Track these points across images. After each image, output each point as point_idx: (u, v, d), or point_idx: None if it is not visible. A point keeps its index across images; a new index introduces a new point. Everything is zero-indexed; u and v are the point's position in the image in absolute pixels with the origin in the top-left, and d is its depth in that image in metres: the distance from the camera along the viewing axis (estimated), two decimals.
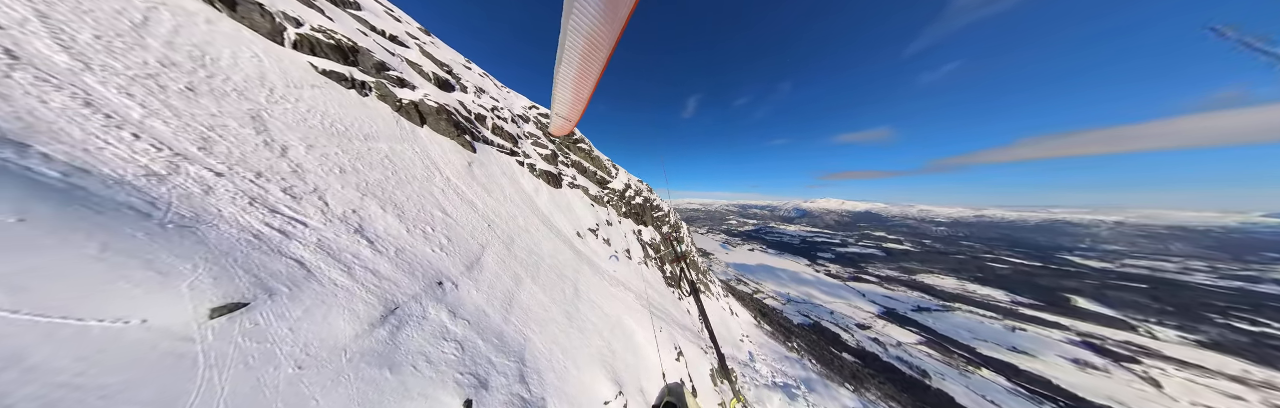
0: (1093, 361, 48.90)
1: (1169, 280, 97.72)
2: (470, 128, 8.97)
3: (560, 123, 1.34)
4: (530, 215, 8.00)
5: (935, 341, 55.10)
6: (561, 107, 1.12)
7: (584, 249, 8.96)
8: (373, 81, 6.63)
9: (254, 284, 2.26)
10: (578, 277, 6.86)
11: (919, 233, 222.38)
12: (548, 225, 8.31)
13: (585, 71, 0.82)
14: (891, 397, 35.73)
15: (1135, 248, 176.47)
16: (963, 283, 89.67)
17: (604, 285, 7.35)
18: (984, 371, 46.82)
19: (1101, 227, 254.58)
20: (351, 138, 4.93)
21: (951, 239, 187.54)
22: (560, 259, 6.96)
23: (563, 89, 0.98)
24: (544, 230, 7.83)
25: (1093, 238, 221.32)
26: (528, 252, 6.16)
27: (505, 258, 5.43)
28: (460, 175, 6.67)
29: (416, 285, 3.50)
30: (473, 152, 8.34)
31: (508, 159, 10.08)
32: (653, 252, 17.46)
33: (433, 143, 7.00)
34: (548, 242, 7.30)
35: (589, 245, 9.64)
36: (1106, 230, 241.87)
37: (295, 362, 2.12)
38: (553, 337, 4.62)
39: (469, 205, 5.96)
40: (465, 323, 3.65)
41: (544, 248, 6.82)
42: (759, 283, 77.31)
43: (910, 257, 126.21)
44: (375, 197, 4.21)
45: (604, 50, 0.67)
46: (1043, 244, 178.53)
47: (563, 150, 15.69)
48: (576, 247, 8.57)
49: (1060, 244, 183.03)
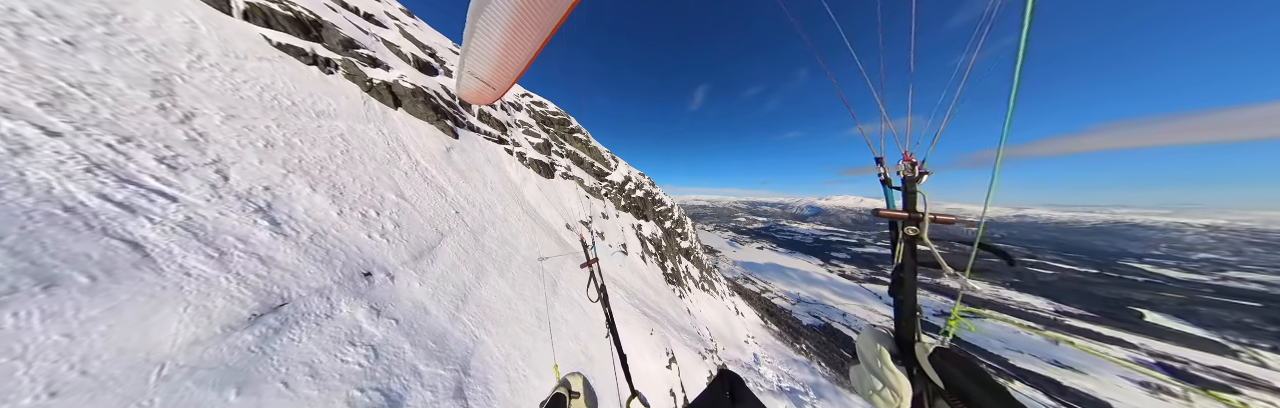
0: (1169, 385, 40.30)
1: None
2: (453, 113, 8.35)
3: (475, 86, 0.66)
4: (512, 205, 7.33)
5: (961, 350, 49.30)
6: (479, 62, 0.56)
7: (573, 242, 8.21)
8: (340, 59, 6.06)
9: (20, 272, 1.54)
10: (559, 271, 6.11)
11: (946, 234, 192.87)
12: (532, 216, 7.62)
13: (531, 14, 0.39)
14: None
15: (1243, 258, 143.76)
16: (996, 289, 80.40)
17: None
18: (1017, 384, 41.49)
19: (1186, 231, 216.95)
20: (299, 114, 4.36)
21: (985, 241, 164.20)
22: (541, 252, 6.25)
23: (487, 34, 0.47)
24: (527, 221, 7.13)
25: (1171, 243, 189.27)
26: (501, 243, 5.45)
27: (470, 248, 4.74)
28: (434, 160, 6.06)
29: (328, 277, 2.80)
30: (454, 137, 7.71)
31: (495, 147, 9.44)
32: (653, 248, 16.52)
33: (406, 126, 6.41)
34: (529, 234, 6.60)
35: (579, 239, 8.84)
36: (1193, 235, 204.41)
37: (48, 385, 1.39)
38: (514, 338, 3.86)
39: (438, 191, 5.32)
40: (391, 323, 2.91)
41: (522, 240, 6.12)
42: (768, 282, 74.41)
43: None
44: (306, 174, 3.58)
45: None
46: (1101, 249, 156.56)
47: (558, 140, 14.82)
48: (563, 240, 7.85)
49: (1126, 250, 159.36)
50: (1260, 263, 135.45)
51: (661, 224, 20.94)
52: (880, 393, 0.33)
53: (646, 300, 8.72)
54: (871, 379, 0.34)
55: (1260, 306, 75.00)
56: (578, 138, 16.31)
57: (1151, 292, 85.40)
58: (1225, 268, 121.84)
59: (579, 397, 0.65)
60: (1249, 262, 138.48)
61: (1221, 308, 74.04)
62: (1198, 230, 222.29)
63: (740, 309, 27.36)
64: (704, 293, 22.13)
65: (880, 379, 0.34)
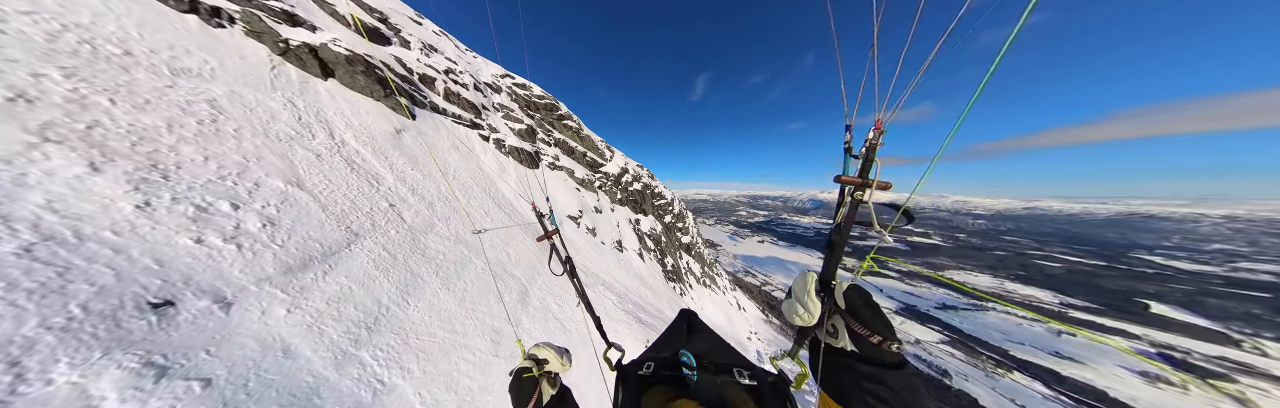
0: (1167, 375, 41.37)
1: None
2: (411, 90, 6.90)
3: None
4: (481, 198, 6.04)
5: (960, 340, 50.81)
6: None
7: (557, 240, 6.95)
8: (238, 11, 4.57)
9: None
10: (533, 275, 4.91)
11: (952, 226, 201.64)
12: (508, 211, 6.35)
13: None
14: None
15: (1259, 249, 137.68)
16: (1001, 282, 79.46)
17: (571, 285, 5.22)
18: (1015, 374, 42.25)
19: (1203, 222, 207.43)
20: (134, 68, 2.99)
21: (991, 234, 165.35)
22: (511, 253, 5.04)
23: None
24: (498, 216, 5.88)
25: (1186, 235, 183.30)
26: (453, 243, 4.21)
27: (402, 253, 3.49)
28: (374, 143, 4.72)
29: (33, 321, 1.43)
30: (409, 117, 6.32)
31: (466, 132, 8.02)
32: (652, 244, 15.35)
33: (337, 99, 5.02)
34: (498, 231, 5.37)
35: (565, 235, 7.70)
36: (1208, 226, 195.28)
37: None
38: (449, 377, 2.65)
39: (367, 180, 4.01)
40: (191, 388, 1.59)
41: (485, 239, 4.88)
42: (768, 275, 74.50)
43: (939, 252, 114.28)
44: (94, 147, 2.23)
45: None
46: (1112, 241, 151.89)
47: (544, 127, 13.10)
48: None
49: (1137, 242, 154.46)
50: (1274, 254, 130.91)
51: (661, 219, 19.66)
52: (799, 315, 0.44)
53: (643, 304, 7.51)
54: (796, 305, 0.44)
55: (1270, 296, 73.41)
56: (568, 125, 14.66)
57: (1159, 283, 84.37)
58: (1237, 259, 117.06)
59: (549, 362, 0.65)
60: (1263, 252, 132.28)
61: (1230, 299, 72.33)
62: (1215, 221, 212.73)
63: (742, 304, 26.74)
64: (706, 289, 21.32)
65: (802, 305, 0.44)
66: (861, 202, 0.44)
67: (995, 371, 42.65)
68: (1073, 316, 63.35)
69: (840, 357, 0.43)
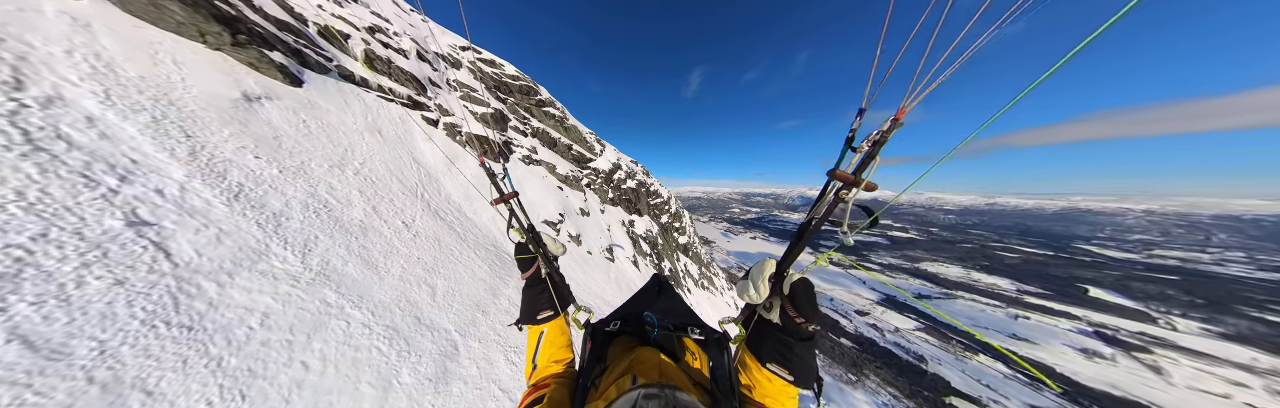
0: (1101, 349, 48.92)
1: (1203, 272, 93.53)
2: (298, 45, 4.61)
3: None
4: (406, 203, 3.98)
5: (933, 327, 55.06)
6: None
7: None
8: None
9: None
10: (476, 317, 3.14)
11: (926, 221, 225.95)
12: (450, 220, 4.41)
13: None
14: (889, 383, 36.21)
15: (1169, 238, 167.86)
16: (968, 272, 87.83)
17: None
18: (981, 356, 46.53)
19: (1128, 215, 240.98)
20: None
21: (959, 228, 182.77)
22: (440, 286, 3.20)
23: None
24: (426, 228, 3.94)
25: (1114, 227, 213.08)
26: (303, 287, 2.33)
27: (142, 338, 1.60)
28: (186, 115, 2.63)
29: None
30: (290, 83, 4.16)
31: (400, 111, 5.84)
32: (648, 247, 13.84)
33: (111, 38, 2.83)
34: (425, 250, 3.49)
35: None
36: (1134, 219, 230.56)
37: None
38: None
39: (88, 184, 2.03)
40: None
41: (397, 260, 2.99)
42: None
43: (916, 245, 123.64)
44: None
45: None
46: (1059, 233, 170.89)
47: (519, 113, 10.74)
48: (504, 255, 4.80)
49: (1077, 234, 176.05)
50: (1181, 242, 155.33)
51: (658, 219, 18.13)
52: (749, 294, 0.51)
53: None
54: (750, 286, 0.51)
55: (1178, 278, 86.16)
56: (549, 113, 12.40)
57: (1096, 270, 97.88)
58: (1153, 247, 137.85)
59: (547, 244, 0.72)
60: (1172, 241, 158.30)
61: (1150, 282, 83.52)
62: (1137, 215, 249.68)
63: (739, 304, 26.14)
64: (703, 290, 20.42)
65: (755, 287, 0.50)
66: (843, 200, 0.43)
67: (963, 354, 46.43)
68: (1028, 301, 70.10)
69: (767, 326, 0.52)
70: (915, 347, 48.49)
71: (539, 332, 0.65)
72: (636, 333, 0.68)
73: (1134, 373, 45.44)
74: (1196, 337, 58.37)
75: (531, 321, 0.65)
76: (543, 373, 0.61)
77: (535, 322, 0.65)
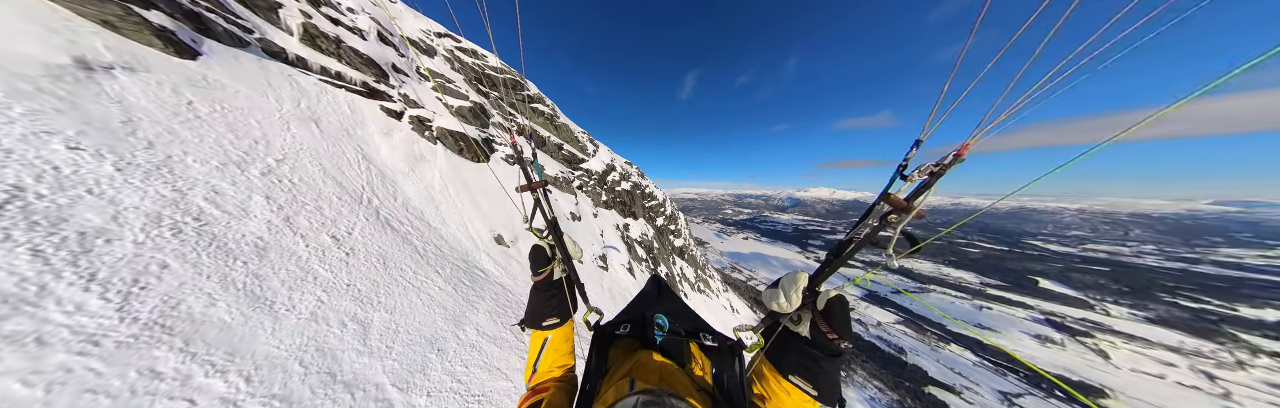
0: (1052, 335, 55.12)
1: (1125, 263, 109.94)
2: (206, 9, 3.47)
3: None
4: (344, 212, 2.98)
5: (911, 320, 59.17)
6: None
7: (500, 271, 4.32)
8: None
9: None
10: (428, 361, 2.25)
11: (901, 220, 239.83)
12: (405, 232, 3.45)
13: None
14: (875, 376, 38.26)
15: (1097, 234, 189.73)
16: (939, 267, 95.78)
17: (510, 353, 2.43)
18: (952, 346, 50.57)
19: (1064, 213, 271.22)
20: None
21: (929, 226, 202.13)
22: (402, 318, 2.30)
23: None
24: (370, 243, 2.97)
25: (1056, 224, 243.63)
26: (148, 336, 1.40)
27: None
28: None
29: None
30: (181, 55, 3.12)
31: (350, 100, 4.81)
32: (643, 252, 13.18)
33: None
34: (361, 273, 2.53)
35: (526, 258, 4.95)
36: (1070, 217, 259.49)
37: None
38: None
39: None
40: None
41: (303, 304, 2.04)
42: (752, 271, 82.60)
43: None
44: None
45: None
46: (1012, 230, 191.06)
47: (503, 109, 9.67)
48: (480, 267, 3.89)
49: (1026, 230, 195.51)
50: (1107, 237, 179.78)
51: (653, 222, 17.56)
52: (779, 303, 0.50)
53: None
54: (780, 296, 0.50)
55: (1108, 269, 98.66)
56: (539, 110, 11.52)
57: (1043, 263, 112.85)
58: (1085, 242, 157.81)
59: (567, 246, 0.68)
60: (1100, 237, 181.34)
61: (1086, 273, 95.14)
62: (1072, 213, 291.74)
63: (735, 306, 26.35)
64: (700, 294, 20.05)
65: (786, 297, 0.50)
66: (891, 225, 0.44)
67: (937, 344, 51.01)
68: (990, 293, 78.10)
69: (794, 338, 0.52)
70: (896, 339, 51.87)
71: (543, 337, 0.63)
72: (639, 336, 0.64)
73: (1081, 357, 50.84)
74: (1128, 321, 66.44)
75: (537, 326, 0.63)
76: (542, 377, 0.60)
77: (540, 328, 0.63)
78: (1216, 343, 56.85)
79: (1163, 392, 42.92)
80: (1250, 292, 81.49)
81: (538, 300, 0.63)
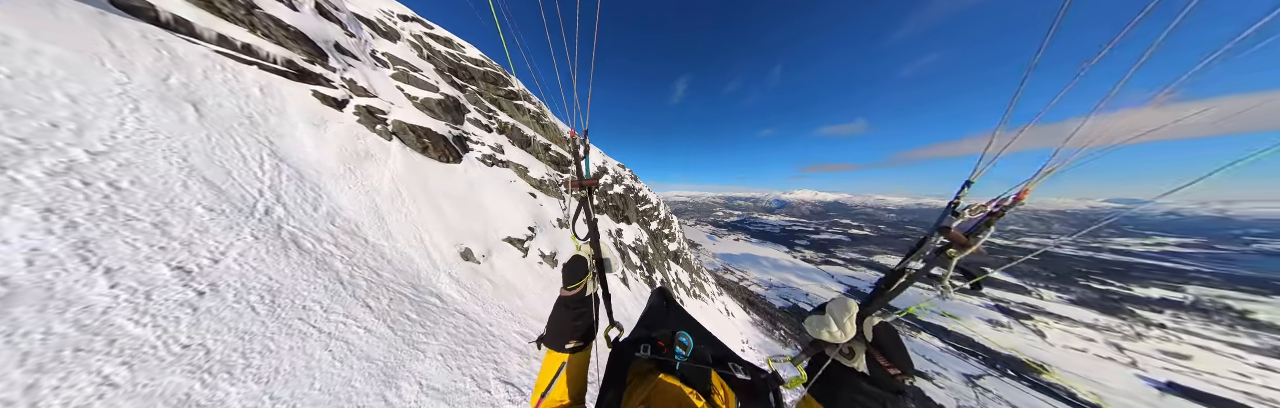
0: (1000, 319, 63.25)
1: (1050, 252, 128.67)
2: None
3: None
4: (210, 232, 1.92)
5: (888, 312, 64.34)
6: None
7: (464, 296, 3.40)
8: None
9: None
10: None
11: (876, 220, 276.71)
12: (320, 252, 2.34)
13: None
14: None
15: (1029, 228, 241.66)
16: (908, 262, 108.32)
17: None
18: (923, 334, 55.63)
19: None
20: None
21: (900, 224, 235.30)
22: (282, 388, 1.35)
23: None
24: (261, 271, 1.90)
25: (1000, 222, 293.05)
26: None
27: None
28: None
29: None
30: None
31: (260, 81, 3.64)
32: (638, 258, 12.44)
33: None
34: (213, 325, 1.44)
35: (500, 275, 4.01)
36: (1008, 215, 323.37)
37: None
38: None
39: None
40: None
41: (56, 400, 1.04)
42: (744, 271, 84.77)
43: (869, 241, 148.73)
44: None
45: None
46: (964, 226, 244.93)
47: (481, 104, 8.57)
48: (430, 300, 2.92)
49: None
50: (1036, 231, 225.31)
51: (647, 226, 16.94)
52: (830, 332, 0.47)
53: None
54: (831, 324, 0.47)
55: (1038, 259, 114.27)
56: (521, 107, 10.55)
57: (991, 255, 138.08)
58: (1020, 235, 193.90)
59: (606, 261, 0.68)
60: (1032, 231, 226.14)
61: (1023, 263, 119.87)
62: (1010, 212, 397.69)
63: (730, 309, 26.27)
64: (695, 299, 19.62)
65: (839, 326, 0.48)
66: (948, 258, 0.44)
67: (909, 333, 55.65)
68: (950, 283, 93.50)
69: (848, 374, 0.49)
70: None
71: (561, 361, 0.58)
72: (657, 357, 0.60)
73: (1024, 337, 59.61)
74: (1056, 303, 79.80)
75: (557, 348, 0.59)
76: (552, 405, 0.56)
77: (561, 350, 0.59)
78: (1119, 318, 68.71)
79: (1086, 364, 49.75)
80: (1139, 274, 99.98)
81: (564, 318, 0.58)
